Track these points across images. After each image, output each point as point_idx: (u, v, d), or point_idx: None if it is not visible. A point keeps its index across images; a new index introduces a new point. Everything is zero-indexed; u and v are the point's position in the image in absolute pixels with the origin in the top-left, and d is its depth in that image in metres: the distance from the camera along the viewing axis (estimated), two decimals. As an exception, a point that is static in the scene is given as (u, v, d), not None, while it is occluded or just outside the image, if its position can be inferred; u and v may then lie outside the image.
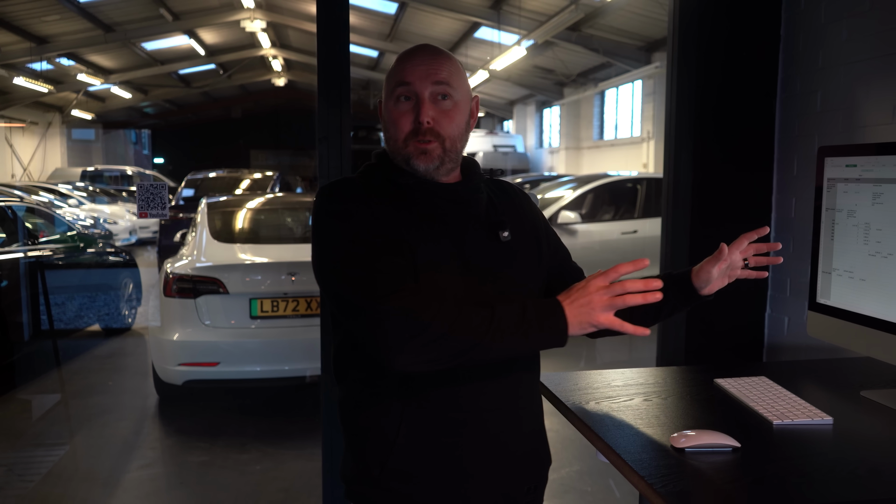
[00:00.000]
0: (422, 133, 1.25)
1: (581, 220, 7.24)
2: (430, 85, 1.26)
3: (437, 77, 1.26)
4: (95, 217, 10.33)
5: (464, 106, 1.31)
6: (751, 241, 1.48)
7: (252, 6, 13.57)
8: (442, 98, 1.27)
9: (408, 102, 1.27)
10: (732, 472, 1.18)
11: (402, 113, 1.27)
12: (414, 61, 1.28)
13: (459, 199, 1.31)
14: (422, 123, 1.25)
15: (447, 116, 1.27)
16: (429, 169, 1.27)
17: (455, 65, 1.30)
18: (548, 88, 19.20)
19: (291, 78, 21.96)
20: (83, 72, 15.39)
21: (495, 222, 1.33)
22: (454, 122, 1.28)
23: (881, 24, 2.03)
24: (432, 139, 1.26)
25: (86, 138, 21.87)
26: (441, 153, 1.27)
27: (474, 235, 1.30)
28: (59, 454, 3.79)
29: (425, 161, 1.26)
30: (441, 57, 1.29)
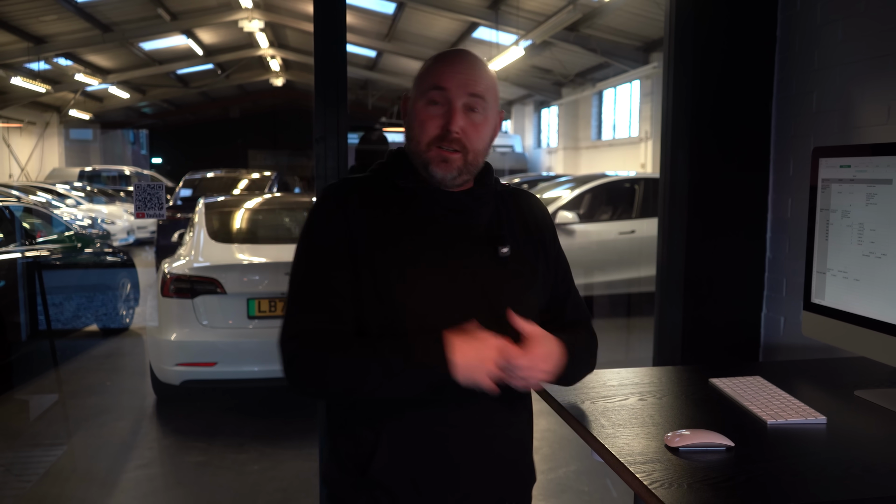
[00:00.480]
0: (448, 141, 1.23)
1: (579, 220, 7.25)
2: (466, 95, 1.24)
3: (475, 89, 1.24)
4: (93, 217, 10.33)
5: (493, 121, 1.30)
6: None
7: (250, 6, 13.57)
8: (473, 110, 1.25)
9: (439, 107, 1.25)
10: (726, 471, 1.18)
11: (432, 116, 1.25)
12: (454, 67, 1.25)
13: (460, 208, 1.28)
14: (451, 132, 1.23)
15: (476, 129, 1.26)
16: (446, 178, 1.25)
17: (492, 79, 1.29)
18: (546, 88, 19.21)
19: (289, 78, 21.95)
20: (81, 72, 15.38)
21: (495, 237, 1.29)
22: (481, 136, 1.27)
23: (876, 26, 2.04)
24: (457, 149, 1.24)
25: (83, 138, 21.86)
26: (462, 165, 1.25)
27: (468, 248, 1.27)
28: (57, 454, 3.79)
29: (445, 169, 1.25)
30: (481, 69, 1.27)
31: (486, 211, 1.31)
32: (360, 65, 18.93)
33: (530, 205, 1.40)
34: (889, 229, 1.52)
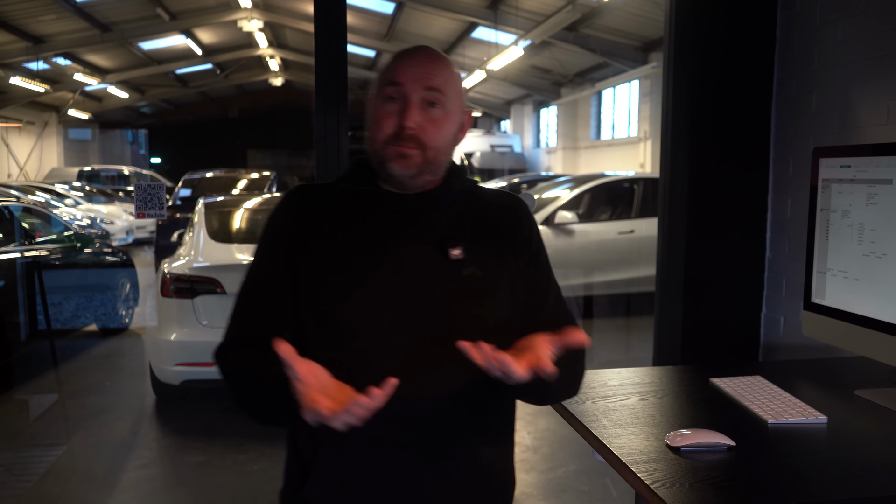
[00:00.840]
0: (404, 139, 1.15)
1: (578, 220, 7.25)
2: (422, 89, 1.17)
3: (431, 82, 1.17)
4: (92, 217, 10.33)
5: (454, 117, 1.21)
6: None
7: (249, 6, 13.57)
8: (432, 105, 1.17)
9: (395, 103, 1.17)
10: (727, 470, 1.19)
11: (388, 114, 1.18)
12: (409, 62, 1.19)
13: (411, 210, 1.20)
14: (405, 128, 1.15)
15: (434, 125, 1.17)
16: (405, 175, 1.17)
17: (453, 73, 1.22)
18: (545, 88, 19.21)
19: (289, 78, 21.95)
20: (80, 71, 15.37)
21: (447, 238, 1.19)
22: (441, 132, 1.18)
23: (876, 26, 2.04)
24: (414, 147, 1.16)
25: (82, 138, 21.84)
26: (421, 163, 1.17)
27: (416, 253, 1.18)
28: (57, 454, 3.78)
29: (402, 166, 1.16)
30: (439, 62, 1.20)
31: (443, 214, 1.22)
32: (359, 65, 18.92)
33: (507, 206, 1.28)
34: (889, 229, 1.52)
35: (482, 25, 13.38)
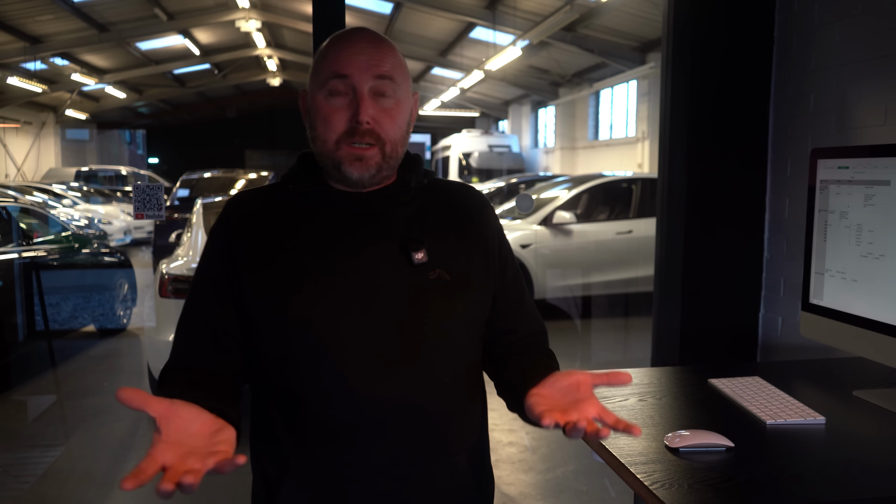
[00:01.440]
0: (359, 134, 1.07)
1: (576, 221, 7.25)
2: (372, 79, 1.07)
3: (380, 70, 1.08)
4: (90, 217, 10.31)
5: (406, 104, 1.13)
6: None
7: (247, 6, 13.56)
8: (383, 95, 1.09)
9: (342, 98, 1.08)
10: (726, 471, 1.19)
11: (336, 109, 1.08)
12: (353, 49, 1.08)
13: (367, 211, 1.12)
14: (360, 123, 1.06)
15: (389, 116, 1.09)
16: (363, 178, 1.09)
17: (398, 55, 1.12)
18: (543, 88, 19.22)
19: (287, 78, 21.93)
20: (77, 71, 15.35)
21: (408, 241, 1.10)
22: (396, 122, 1.10)
23: (873, 27, 2.05)
24: (372, 142, 1.08)
25: (80, 138, 21.80)
26: (380, 160, 1.09)
27: (375, 256, 1.10)
28: (55, 455, 3.78)
29: (361, 169, 1.08)
30: (384, 45, 1.10)
31: (403, 212, 1.14)
32: (357, 65, 18.88)
33: (468, 199, 1.21)
34: (887, 230, 1.53)
35: (480, 26, 13.38)
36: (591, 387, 1.01)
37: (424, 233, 1.13)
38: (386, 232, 1.11)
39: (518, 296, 1.24)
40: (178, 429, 0.90)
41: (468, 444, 1.17)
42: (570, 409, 0.97)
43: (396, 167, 1.15)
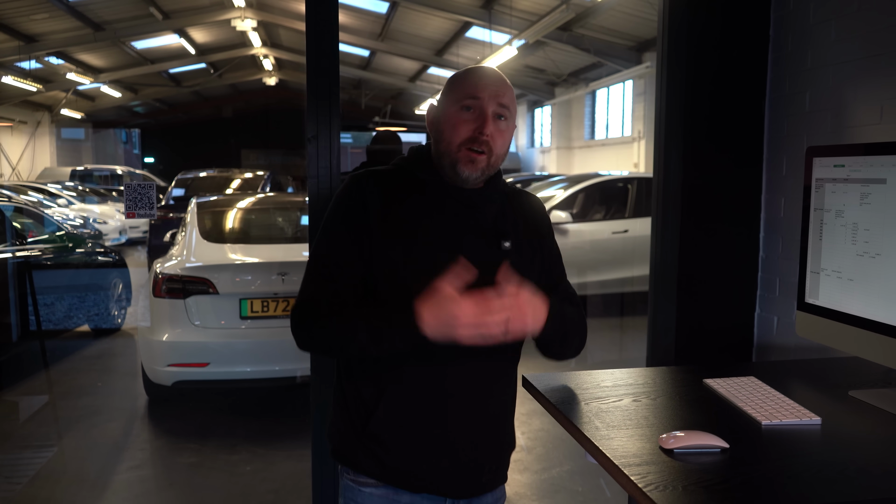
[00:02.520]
0: (478, 143, 1.37)
1: (572, 220, 7.25)
2: (496, 105, 1.38)
3: (503, 100, 1.39)
4: (85, 217, 10.28)
5: (512, 129, 1.45)
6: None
7: (243, 5, 13.54)
8: (500, 118, 1.40)
9: (471, 113, 1.38)
10: (721, 473, 1.18)
11: (465, 121, 1.38)
12: (485, 80, 1.40)
13: (470, 203, 1.42)
14: (483, 134, 1.36)
15: (501, 135, 1.40)
16: (471, 177, 1.38)
17: (513, 94, 1.44)
18: (539, 88, 19.23)
19: (282, 77, 21.91)
20: (72, 71, 15.31)
21: (499, 231, 1.42)
22: (505, 142, 1.42)
23: (869, 25, 2.04)
24: (484, 151, 1.37)
25: (75, 137, 21.75)
26: (485, 166, 1.39)
27: (474, 241, 1.40)
28: (48, 456, 3.76)
29: (471, 169, 1.38)
30: (506, 83, 1.43)
31: (492, 208, 1.44)
32: (353, 64, 18.91)
33: (532, 205, 1.54)
34: (883, 229, 1.52)
35: (476, 25, 13.38)
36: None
37: (508, 226, 1.44)
38: (482, 221, 1.42)
39: (559, 277, 1.55)
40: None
41: (514, 379, 1.50)
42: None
43: (490, 175, 1.43)
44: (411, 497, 1.41)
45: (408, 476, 1.40)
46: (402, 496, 1.41)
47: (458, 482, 1.41)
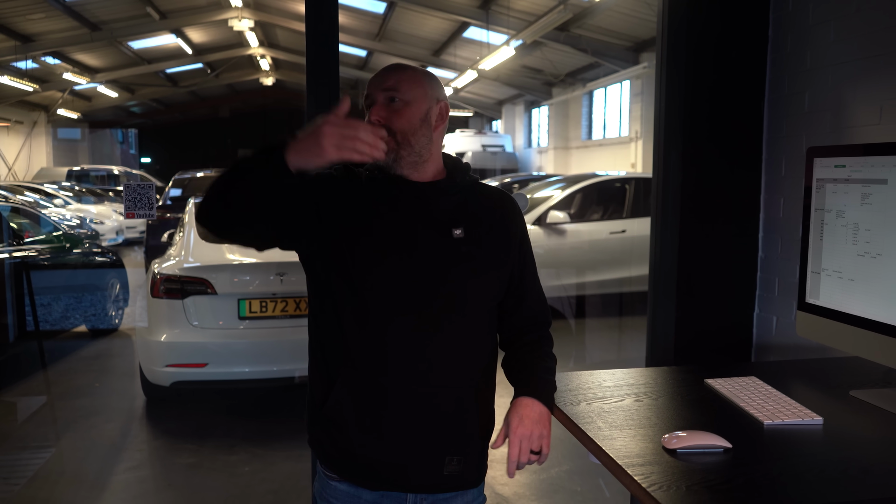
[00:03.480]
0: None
1: (570, 220, 7.25)
2: (379, 92, 1.45)
3: (385, 84, 1.45)
4: (82, 217, 10.25)
5: (416, 106, 1.45)
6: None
7: (240, 5, 13.51)
8: (392, 101, 1.44)
9: (368, 111, 1.46)
10: (724, 473, 1.18)
11: (368, 117, 1.45)
12: (375, 76, 1.48)
13: (422, 195, 1.45)
14: (371, 122, 1.42)
15: (397, 113, 1.43)
16: (388, 162, 1.42)
17: (405, 73, 1.46)
18: (536, 88, 19.23)
19: (279, 77, 21.88)
20: (69, 70, 15.26)
21: (450, 220, 1.45)
22: (404, 117, 1.43)
23: (868, 26, 2.04)
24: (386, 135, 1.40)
25: (72, 137, 21.69)
26: (394, 146, 1.42)
27: (425, 230, 1.43)
28: (45, 456, 3.75)
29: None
30: (396, 69, 1.48)
31: (448, 200, 1.47)
32: (350, 64, 18.89)
33: (502, 200, 1.56)
34: (884, 229, 1.52)
35: (473, 25, 13.37)
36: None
37: (464, 217, 1.46)
38: (434, 213, 1.45)
39: (530, 285, 1.56)
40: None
41: (482, 373, 1.49)
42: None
43: (420, 155, 1.45)
44: (371, 495, 1.45)
45: (365, 469, 1.43)
46: (362, 493, 1.46)
47: (415, 474, 1.43)
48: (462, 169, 1.53)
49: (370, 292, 1.40)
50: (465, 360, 1.46)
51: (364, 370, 1.41)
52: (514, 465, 1.36)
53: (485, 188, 1.56)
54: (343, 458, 1.45)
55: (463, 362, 1.45)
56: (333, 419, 1.43)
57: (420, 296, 1.40)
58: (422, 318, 1.40)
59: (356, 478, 1.45)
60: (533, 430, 1.38)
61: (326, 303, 1.45)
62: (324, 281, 1.45)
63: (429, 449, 1.43)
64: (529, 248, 1.58)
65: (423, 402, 1.41)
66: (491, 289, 1.48)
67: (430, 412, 1.42)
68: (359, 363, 1.41)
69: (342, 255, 1.41)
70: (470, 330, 1.45)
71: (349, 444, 1.43)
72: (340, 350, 1.43)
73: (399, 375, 1.40)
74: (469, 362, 1.47)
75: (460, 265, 1.43)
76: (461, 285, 1.43)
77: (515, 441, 1.37)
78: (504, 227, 1.52)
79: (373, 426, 1.41)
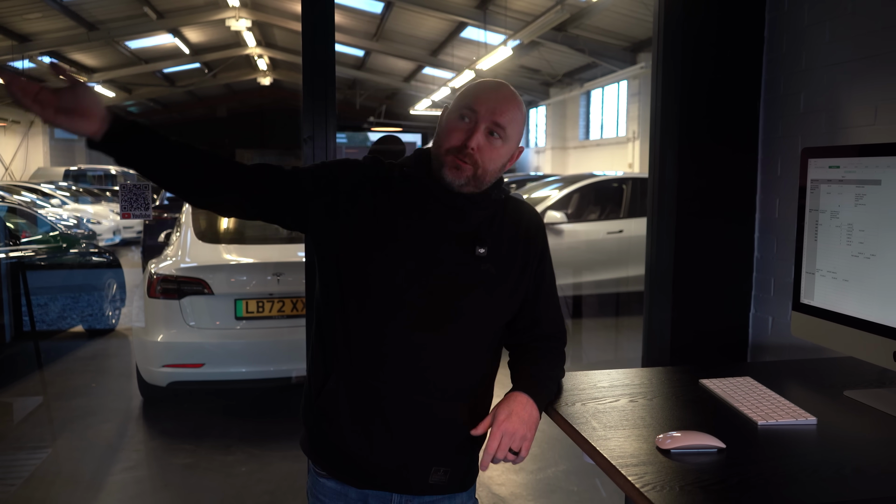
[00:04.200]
0: (463, 153, 1.38)
1: (567, 220, 7.25)
2: (490, 121, 1.39)
3: (500, 118, 1.40)
4: (79, 217, 10.24)
5: (510, 149, 1.44)
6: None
7: (237, 5, 13.51)
8: (493, 135, 1.40)
9: (467, 122, 1.40)
10: (718, 473, 1.18)
11: (459, 128, 1.40)
12: (489, 95, 1.42)
13: (452, 204, 1.42)
14: (467, 146, 1.38)
15: (491, 152, 1.41)
16: (454, 182, 1.39)
17: (519, 113, 1.43)
18: (534, 88, 19.24)
19: (277, 77, 21.88)
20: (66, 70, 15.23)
21: (476, 237, 1.43)
22: (495, 158, 1.41)
23: (863, 27, 2.05)
24: (469, 163, 1.39)
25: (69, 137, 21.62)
26: (470, 176, 1.39)
27: (450, 243, 1.41)
28: (42, 457, 3.75)
29: (454, 175, 1.39)
30: (511, 101, 1.42)
31: (478, 214, 1.44)
32: (347, 64, 18.89)
33: (528, 219, 1.53)
34: (878, 230, 1.52)
35: (471, 25, 13.38)
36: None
37: (490, 235, 1.44)
38: (462, 224, 1.43)
39: (545, 307, 1.54)
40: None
41: (480, 388, 1.48)
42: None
43: (482, 188, 1.43)
44: (357, 493, 1.46)
45: (351, 466, 1.43)
46: (349, 491, 1.46)
47: (400, 478, 1.43)
48: (499, 183, 1.50)
49: (382, 297, 1.38)
50: (463, 374, 1.44)
51: (360, 370, 1.40)
52: (489, 457, 1.35)
53: (514, 204, 1.53)
54: (332, 453, 1.45)
55: (461, 376, 1.44)
56: (326, 411, 1.43)
57: (430, 308, 1.39)
58: (425, 328, 1.39)
59: (343, 475, 1.46)
60: (518, 429, 1.36)
61: (334, 297, 1.43)
62: (336, 275, 1.42)
63: (416, 456, 1.42)
64: (550, 269, 1.56)
65: (417, 410, 1.40)
66: (501, 309, 1.47)
67: (422, 421, 1.41)
68: (356, 362, 1.40)
69: (363, 254, 1.39)
70: (472, 345, 1.44)
71: (339, 438, 1.42)
72: (340, 346, 1.42)
73: (395, 381, 1.39)
74: (467, 376, 1.45)
75: (477, 284, 1.41)
76: (473, 303, 1.41)
77: (497, 434, 1.35)
78: (525, 248, 1.50)
79: (364, 424, 1.40)
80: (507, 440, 1.35)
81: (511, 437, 1.35)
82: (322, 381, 1.44)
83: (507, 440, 1.35)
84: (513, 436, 1.35)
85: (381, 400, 1.39)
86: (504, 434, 1.35)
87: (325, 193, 1.42)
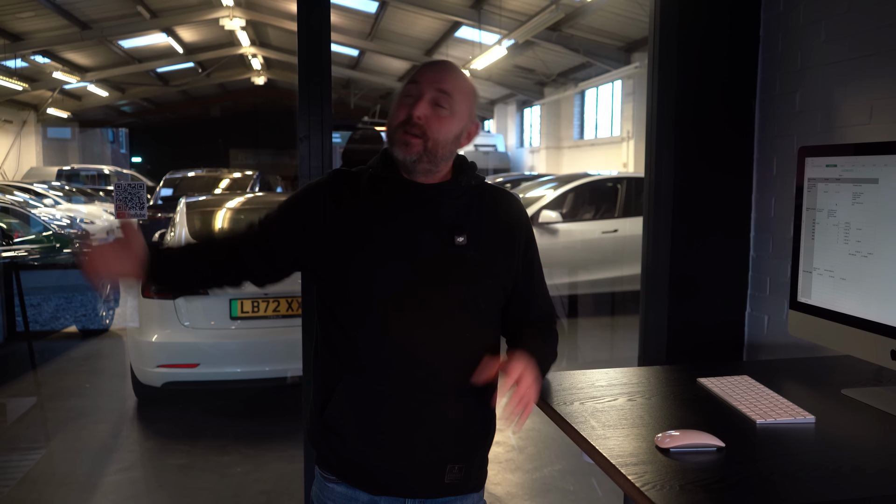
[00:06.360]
0: (411, 125, 1.36)
1: (562, 220, 7.26)
2: (433, 90, 1.38)
3: (442, 85, 1.39)
4: (72, 217, 10.19)
5: (459, 120, 1.41)
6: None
7: (231, 4, 13.48)
8: (440, 105, 1.38)
9: (410, 98, 1.39)
10: (717, 472, 1.18)
11: (403, 105, 1.39)
12: (430, 68, 1.42)
13: (426, 198, 1.41)
14: (412, 117, 1.36)
15: (439, 121, 1.38)
16: (406, 160, 1.37)
17: (463, 84, 1.42)
18: (528, 88, 19.25)
19: (271, 77, 21.82)
20: (59, 69, 15.18)
21: (454, 226, 1.41)
22: (444, 128, 1.39)
23: (859, 26, 2.05)
24: (418, 135, 1.36)
25: (62, 137, 21.58)
26: (421, 150, 1.37)
27: (430, 237, 1.40)
28: (35, 458, 3.73)
29: (405, 152, 1.37)
30: (454, 72, 1.42)
31: (453, 203, 1.43)
32: (342, 64, 18.86)
33: (508, 204, 1.51)
34: (875, 229, 1.53)
35: (465, 25, 13.37)
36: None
37: (468, 223, 1.42)
38: (439, 216, 1.41)
39: (537, 289, 1.53)
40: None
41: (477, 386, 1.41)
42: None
43: (439, 164, 1.41)
44: (368, 498, 1.43)
45: (364, 474, 1.42)
46: (360, 495, 1.44)
47: (415, 482, 1.42)
48: (468, 169, 1.48)
49: (371, 300, 1.37)
50: (466, 367, 1.41)
51: (364, 378, 1.39)
52: (511, 419, 1.30)
53: (489, 189, 1.51)
54: (342, 465, 1.43)
55: (463, 369, 1.41)
56: (332, 427, 1.42)
57: (421, 304, 1.37)
58: (422, 325, 1.37)
59: (354, 481, 1.43)
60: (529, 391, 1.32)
61: (327, 308, 1.43)
62: (325, 287, 1.43)
63: (430, 457, 1.41)
64: (535, 251, 1.54)
65: (425, 409, 1.39)
66: (493, 295, 1.45)
67: (431, 420, 1.39)
68: (359, 370, 1.39)
69: (344, 263, 1.39)
70: (471, 336, 1.43)
71: (348, 452, 1.41)
72: (341, 357, 1.41)
73: (400, 383, 1.38)
74: (471, 369, 1.41)
75: (462, 272, 1.40)
76: (463, 293, 1.40)
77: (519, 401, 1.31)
78: (508, 232, 1.48)
79: (373, 434, 1.39)
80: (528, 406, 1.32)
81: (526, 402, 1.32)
82: (326, 395, 1.43)
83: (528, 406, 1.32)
84: (529, 402, 1.33)
85: (388, 406, 1.38)
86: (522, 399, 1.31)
87: (295, 230, 1.44)
